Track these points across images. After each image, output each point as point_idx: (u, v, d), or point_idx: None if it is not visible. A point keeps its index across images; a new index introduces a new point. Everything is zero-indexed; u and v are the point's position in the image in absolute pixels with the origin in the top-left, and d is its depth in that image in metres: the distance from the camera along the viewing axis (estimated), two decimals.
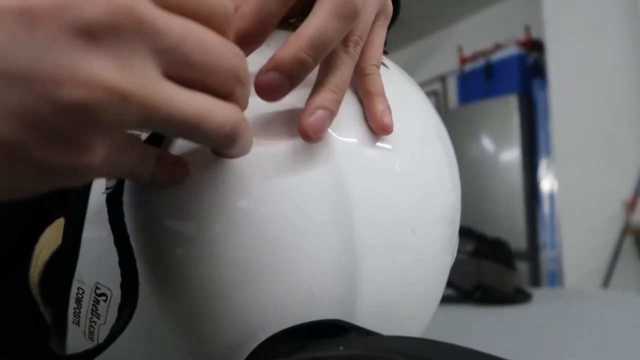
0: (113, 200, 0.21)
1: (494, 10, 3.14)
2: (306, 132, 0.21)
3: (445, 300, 0.80)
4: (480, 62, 2.92)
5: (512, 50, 2.75)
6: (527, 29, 2.77)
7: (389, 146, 0.24)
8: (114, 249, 0.21)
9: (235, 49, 0.17)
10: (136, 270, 0.21)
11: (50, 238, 0.27)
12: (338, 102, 0.22)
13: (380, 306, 0.23)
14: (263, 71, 0.20)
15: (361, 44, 0.23)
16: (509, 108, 2.65)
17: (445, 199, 0.26)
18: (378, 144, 0.24)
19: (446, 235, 0.26)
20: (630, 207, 2.12)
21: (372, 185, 0.23)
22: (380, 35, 0.26)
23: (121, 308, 0.21)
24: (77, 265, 0.23)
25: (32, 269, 0.27)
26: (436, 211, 0.26)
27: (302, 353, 0.16)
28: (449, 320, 0.66)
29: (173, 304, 0.22)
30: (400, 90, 0.27)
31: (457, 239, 0.30)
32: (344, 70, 0.23)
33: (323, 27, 0.20)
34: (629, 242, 2.15)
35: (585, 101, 2.27)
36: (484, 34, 3.04)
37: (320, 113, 0.21)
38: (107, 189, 0.21)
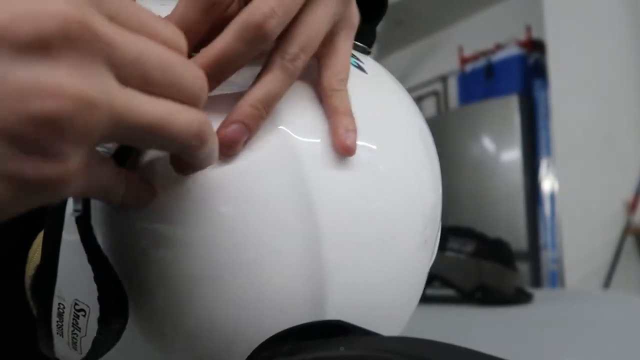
0: (83, 222, 0.21)
1: (495, 11, 3.14)
2: (220, 143, 0.21)
3: (446, 300, 0.80)
4: (480, 62, 2.92)
5: (512, 51, 2.75)
6: (528, 29, 2.77)
7: (373, 146, 0.24)
8: (89, 266, 0.22)
9: (196, 70, 0.18)
10: (121, 284, 0.21)
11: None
12: (258, 118, 0.22)
13: (351, 309, 0.23)
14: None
15: (302, 57, 0.23)
16: (509, 108, 2.65)
17: (424, 198, 0.27)
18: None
19: (424, 234, 0.26)
20: (631, 207, 2.12)
21: (341, 190, 0.23)
22: (344, 47, 0.26)
23: (104, 322, 0.21)
24: (57, 282, 0.23)
25: (26, 271, 0.28)
26: (415, 211, 0.26)
27: (303, 353, 0.16)
28: (450, 320, 0.66)
29: (142, 315, 0.22)
30: (379, 93, 0.27)
31: (438, 238, 0.30)
32: (274, 85, 0.22)
33: (227, 48, 0.21)
34: (630, 243, 2.14)
35: (586, 101, 2.27)
36: (485, 34, 3.03)
37: (234, 128, 0.21)
38: (75, 210, 0.21)
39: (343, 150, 0.23)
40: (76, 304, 0.23)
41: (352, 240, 0.23)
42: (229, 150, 0.21)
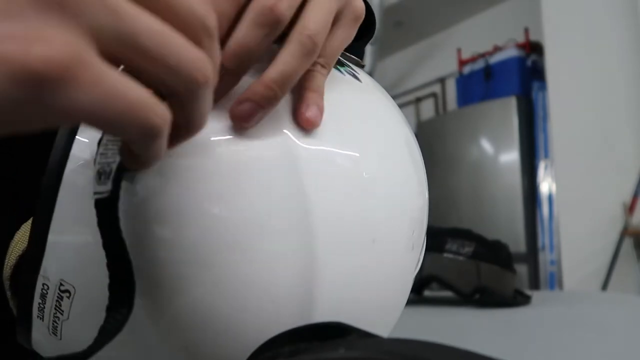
0: (107, 204, 0.20)
1: (493, 13, 3.15)
2: (232, 117, 0.22)
3: (445, 302, 0.80)
4: (479, 64, 2.93)
5: (511, 52, 2.76)
6: (526, 31, 2.78)
7: (356, 154, 0.25)
8: (82, 247, 0.22)
9: (203, 60, 0.17)
10: (132, 272, 0.21)
11: (26, 234, 0.27)
12: (272, 99, 0.22)
13: (339, 307, 0.24)
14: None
15: (320, 36, 0.23)
16: (508, 110, 2.65)
17: (411, 202, 0.28)
18: (342, 151, 0.25)
19: (412, 239, 0.27)
20: (630, 209, 2.12)
21: (334, 192, 0.24)
22: (337, 35, 0.26)
23: (111, 309, 0.21)
24: (43, 261, 0.23)
25: (5, 262, 0.28)
26: (402, 214, 0.27)
27: (303, 354, 0.16)
28: (449, 322, 0.66)
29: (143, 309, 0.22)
30: (368, 102, 0.28)
31: (425, 239, 0.31)
32: (290, 65, 0.23)
33: (245, 37, 0.22)
34: (628, 244, 2.15)
35: (584, 103, 2.27)
36: (483, 36, 3.04)
37: (245, 106, 0.22)
38: (96, 193, 0.20)
39: (304, 123, 0.24)
40: (62, 284, 0.23)
41: (342, 241, 0.24)
42: (240, 124, 0.22)
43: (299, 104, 0.24)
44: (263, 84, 0.22)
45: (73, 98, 0.14)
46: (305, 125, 0.24)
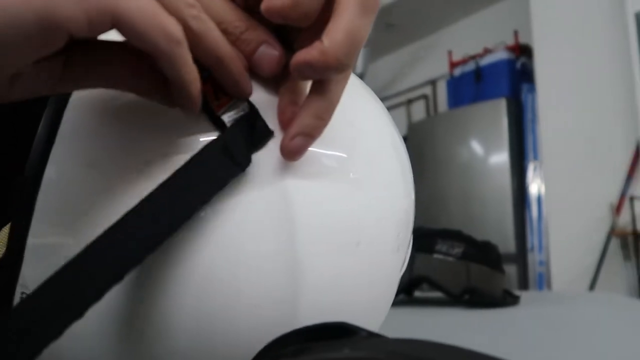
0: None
1: (483, 15, 3.17)
2: (283, 152, 0.22)
3: (435, 303, 0.80)
4: (469, 66, 2.94)
5: (501, 55, 2.78)
6: (516, 34, 2.80)
7: (342, 154, 0.25)
8: (61, 252, 0.21)
9: (172, 23, 0.19)
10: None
11: (4, 239, 0.27)
12: (322, 128, 0.23)
13: (323, 309, 0.24)
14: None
15: (351, 61, 0.22)
16: (498, 111, 2.67)
17: (397, 204, 0.27)
18: (328, 151, 0.24)
19: (397, 240, 0.27)
20: (617, 210, 2.15)
21: (319, 193, 0.23)
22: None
23: None
24: (22, 268, 0.23)
25: None
26: (387, 216, 0.26)
27: (307, 354, 0.16)
28: (438, 322, 0.66)
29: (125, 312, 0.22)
30: (354, 102, 0.28)
31: (411, 240, 0.31)
32: (336, 93, 0.23)
33: (355, 26, 0.21)
34: (615, 245, 2.17)
35: (572, 105, 2.30)
36: (474, 39, 3.06)
37: (298, 141, 0.22)
38: None
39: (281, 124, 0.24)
40: None
41: (326, 243, 0.23)
42: (293, 158, 0.22)
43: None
44: (314, 115, 0.22)
45: None
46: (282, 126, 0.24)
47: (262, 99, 0.24)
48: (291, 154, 0.22)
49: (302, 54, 0.21)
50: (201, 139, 0.22)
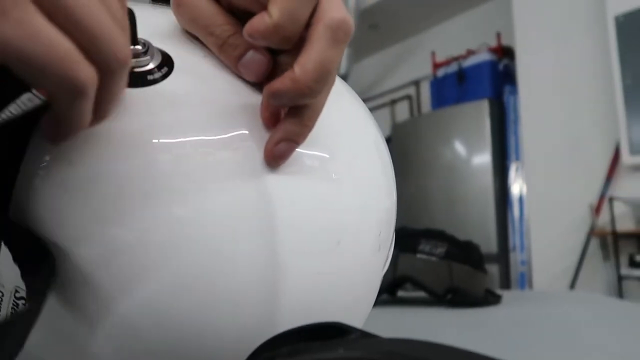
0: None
1: (467, 17, 3.20)
2: (267, 157, 0.22)
3: (418, 302, 0.81)
4: (453, 68, 2.97)
5: (483, 57, 2.81)
6: (498, 35, 2.83)
7: (325, 154, 0.25)
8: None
9: (122, 45, 0.17)
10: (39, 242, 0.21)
11: None
12: (306, 134, 0.23)
13: (304, 309, 0.24)
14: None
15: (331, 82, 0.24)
16: (480, 113, 2.70)
17: (378, 204, 0.28)
18: (310, 151, 0.24)
19: (379, 240, 0.27)
20: (596, 210, 2.18)
21: (300, 193, 0.23)
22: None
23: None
24: None
25: None
26: (368, 216, 0.26)
27: (302, 355, 0.16)
28: (421, 322, 0.66)
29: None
30: (337, 103, 0.28)
31: (393, 239, 0.31)
32: (321, 103, 0.23)
33: (325, 57, 0.21)
34: (594, 245, 2.21)
35: (553, 107, 2.33)
36: (457, 40, 3.09)
37: (282, 147, 0.22)
38: None
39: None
40: (17, 291, 0.23)
41: (306, 242, 0.23)
42: (276, 163, 0.23)
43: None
44: (300, 123, 0.23)
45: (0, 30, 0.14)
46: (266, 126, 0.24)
47: (245, 100, 0.23)
48: (275, 159, 0.22)
49: (276, 83, 0.22)
50: None
